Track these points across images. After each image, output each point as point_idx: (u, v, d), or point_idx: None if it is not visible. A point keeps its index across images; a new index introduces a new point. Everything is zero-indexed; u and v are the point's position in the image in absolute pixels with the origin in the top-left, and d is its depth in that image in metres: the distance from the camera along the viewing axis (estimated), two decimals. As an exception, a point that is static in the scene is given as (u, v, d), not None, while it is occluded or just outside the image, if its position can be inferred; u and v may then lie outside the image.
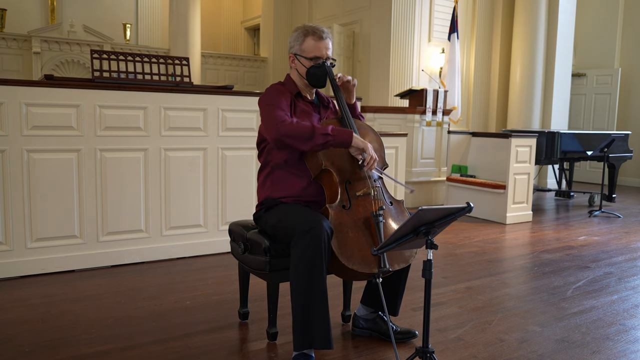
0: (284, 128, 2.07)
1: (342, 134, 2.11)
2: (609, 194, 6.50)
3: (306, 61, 2.25)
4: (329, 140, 2.08)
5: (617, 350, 2.33)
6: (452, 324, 2.57)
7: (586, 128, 9.06)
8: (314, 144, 2.08)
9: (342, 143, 2.12)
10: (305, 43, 2.25)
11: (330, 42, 2.29)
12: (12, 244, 3.13)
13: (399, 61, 7.19)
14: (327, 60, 2.27)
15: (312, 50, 2.24)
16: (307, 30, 2.26)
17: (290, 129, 2.07)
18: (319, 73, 2.24)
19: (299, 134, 2.07)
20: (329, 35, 2.28)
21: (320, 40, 2.24)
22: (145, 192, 3.50)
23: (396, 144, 4.50)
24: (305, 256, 1.96)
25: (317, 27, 2.26)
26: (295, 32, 2.30)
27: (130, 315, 2.60)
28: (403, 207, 2.31)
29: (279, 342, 2.30)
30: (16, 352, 2.16)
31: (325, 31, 2.27)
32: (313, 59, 2.24)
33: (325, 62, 2.25)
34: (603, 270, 3.63)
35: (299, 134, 2.07)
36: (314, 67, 2.24)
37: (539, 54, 7.82)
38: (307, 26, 2.28)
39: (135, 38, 9.70)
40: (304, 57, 2.25)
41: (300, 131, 2.07)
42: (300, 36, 2.26)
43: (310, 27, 2.27)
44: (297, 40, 2.28)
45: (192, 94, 3.62)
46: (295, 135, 2.07)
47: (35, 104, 3.11)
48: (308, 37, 2.25)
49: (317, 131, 2.07)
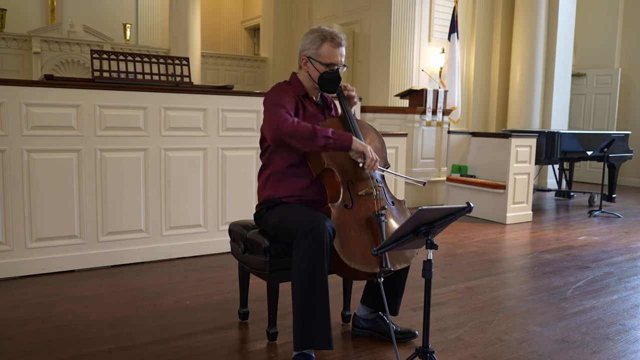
0: (285, 127, 2.07)
1: (342, 138, 2.10)
2: (609, 194, 6.50)
3: (321, 66, 2.23)
4: (329, 143, 2.08)
5: (617, 350, 2.33)
6: (452, 324, 2.57)
7: (586, 128, 9.06)
8: (314, 145, 2.08)
9: (342, 147, 2.11)
10: (322, 48, 2.22)
11: (344, 49, 2.28)
12: (12, 244, 3.13)
13: (399, 61, 7.19)
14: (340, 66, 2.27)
15: (329, 56, 2.22)
16: (324, 35, 2.23)
17: (291, 128, 2.07)
18: (333, 79, 2.24)
19: (300, 134, 2.07)
20: (345, 42, 2.27)
21: (338, 47, 2.23)
22: (145, 192, 3.50)
23: (396, 144, 4.50)
24: (307, 256, 1.96)
25: (334, 34, 2.24)
26: (311, 35, 2.26)
27: (130, 315, 2.60)
28: (404, 206, 2.31)
29: (279, 342, 2.30)
30: (16, 352, 2.15)
31: (342, 38, 2.26)
32: (328, 65, 2.22)
33: (339, 69, 2.25)
34: (603, 270, 3.63)
35: (300, 134, 2.06)
36: (327, 73, 2.23)
37: (539, 54, 7.82)
38: (324, 31, 2.24)
39: (135, 38, 9.70)
40: (318, 62, 2.23)
41: (301, 131, 2.07)
42: (317, 40, 2.23)
43: (328, 32, 2.24)
44: (313, 43, 2.24)
45: (192, 94, 3.62)
46: (296, 135, 2.07)
47: (35, 104, 3.11)
48: (325, 42, 2.22)
49: (318, 133, 2.07)
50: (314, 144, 2.07)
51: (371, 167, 2.14)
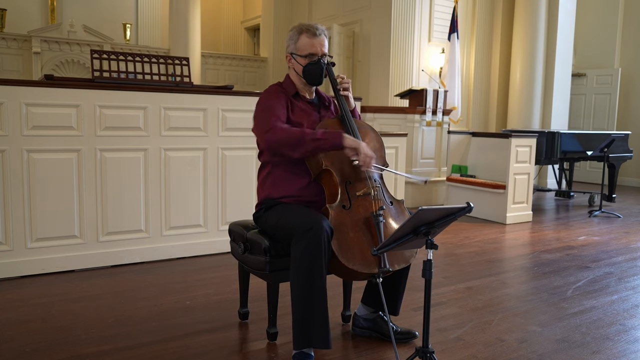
0: (273, 136, 2.07)
1: (332, 137, 2.07)
2: (609, 194, 6.50)
3: (302, 59, 2.24)
4: (319, 145, 2.07)
5: (617, 350, 2.33)
6: (452, 324, 2.57)
7: (586, 128, 9.06)
8: (304, 150, 2.07)
9: (333, 146, 2.08)
10: (300, 41, 2.24)
11: (325, 39, 2.27)
12: (12, 244, 3.13)
13: (399, 61, 7.19)
14: (324, 57, 2.25)
15: (307, 47, 2.23)
16: (301, 28, 2.26)
17: (279, 136, 2.07)
18: (315, 70, 2.23)
19: (288, 142, 2.07)
20: (323, 31, 2.27)
21: (314, 37, 2.23)
22: (145, 192, 3.50)
23: (396, 144, 4.50)
24: (305, 255, 1.96)
25: (310, 25, 2.26)
26: (290, 32, 2.30)
27: (130, 315, 2.60)
28: (403, 206, 2.30)
29: (279, 342, 2.30)
30: (16, 352, 2.16)
31: (319, 28, 2.25)
32: (308, 56, 2.23)
33: (321, 59, 2.24)
34: (603, 270, 3.63)
35: (288, 141, 2.07)
36: (309, 64, 2.23)
37: (539, 54, 7.82)
38: (301, 25, 2.28)
39: (135, 38, 9.70)
40: (299, 56, 2.25)
41: (289, 138, 2.06)
42: (295, 35, 2.26)
43: (304, 25, 2.26)
44: (292, 39, 2.27)
45: (192, 94, 3.62)
46: (284, 142, 2.07)
47: (35, 104, 3.11)
48: (302, 34, 2.24)
49: (306, 137, 2.06)
50: (303, 149, 2.07)
51: (366, 163, 2.10)
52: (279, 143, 2.08)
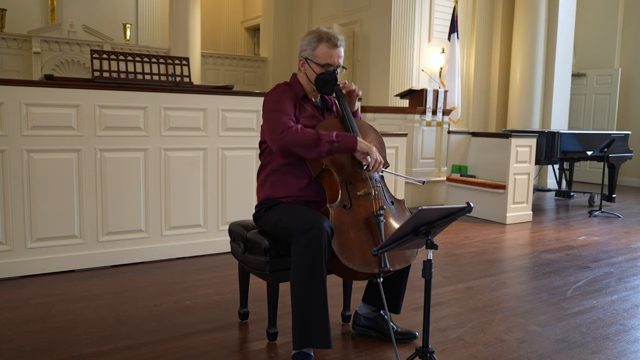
0: (288, 136, 2.07)
1: (346, 140, 2.10)
2: (609, 194, 6.50)
3: (317, 67, 2.22)
4: (334, 147, 2.09)
5: (617, 350, 2.33)
6: (452, 324, 2.57)
7: (586, 128, 9.06)
8: (319, 151, 2.08)
9: (348, 149, 2.12)
10: (319, 49, 2.21)
11: (342, 50, 2.25)
12: (12, 244, 3.13)
13: (399, 61, 7.19)
14: (338, 67, 2.24)
15: (325, 57, 2.20)
16: (321, 36, 2.21)
17: (295, 137, 2.07)
18: (329, 80, 2.22)
19: (304, 142, 2.07)
20: (342, 42, 2.25)
21: (334, 48, 2.21)
22: (145, 192, 3.50)
23: (396, 144, 4.50)
24: (305, 255, 1.96)
25: (331, 34, 2.22)
26: (308, 36, 2.25)
27: (130, 315, 2.60)
28: (404, 206, 2.30)
29: (279, 342, 2.30)
30: (16, 352, 2.16)
31: (339, 39, 2.23)
32: (324, 65, 2.21)
33: (336, 70, 2.23)
34: (603, 270, 3.63)
35: (304, 142, 2.07)
36: (324, 74, 2.21)
37: (539, 54, 7.82)
38: (321, 31, 2.23)
39: (135, 38, 9.70)
40: (315, 63, 2.21)
41: (305, 139, 2.07)
42: (314, 41, 2.22)
43: (325, 33, 2.22)
44: (309, 44, 2.23)
45: (192, 94, 3.62)
46: (300, 143, 2.07)
47: (35, 104, 3.11)
48: (322, 43, 2.20)
49: (322, 139, 2.07)
50: (318, 150, 2.08)
51: (375, 168, 2.14)
52: (294, 143, 2.08)
